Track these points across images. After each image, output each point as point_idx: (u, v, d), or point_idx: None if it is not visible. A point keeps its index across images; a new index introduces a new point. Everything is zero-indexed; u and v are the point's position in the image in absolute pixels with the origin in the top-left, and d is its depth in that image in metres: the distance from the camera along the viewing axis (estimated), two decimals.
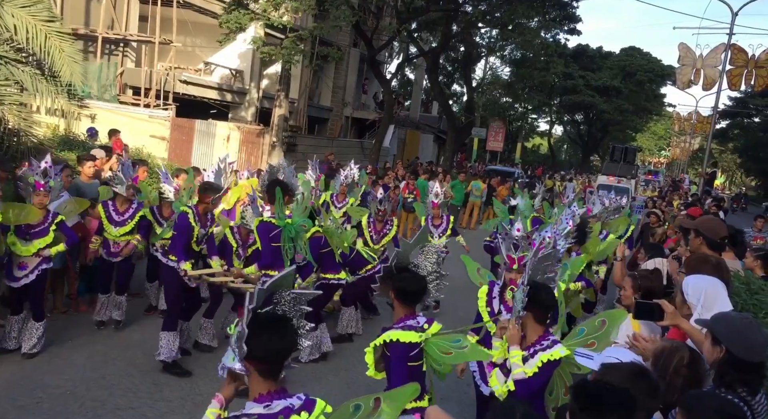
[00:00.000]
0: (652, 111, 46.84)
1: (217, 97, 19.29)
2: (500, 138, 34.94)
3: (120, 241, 6.16)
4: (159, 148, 15.50)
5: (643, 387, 2.11)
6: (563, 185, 26.42)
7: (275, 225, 5.13)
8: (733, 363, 2.39)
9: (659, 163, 64.35)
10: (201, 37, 19.82)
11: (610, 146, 31.93)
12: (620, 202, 8.32)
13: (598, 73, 41.80)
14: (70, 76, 7.14)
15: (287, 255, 5.15)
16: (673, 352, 2.57)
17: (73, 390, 4.79)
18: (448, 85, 39.68)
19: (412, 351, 3.22)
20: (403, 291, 3.34)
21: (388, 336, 3.24)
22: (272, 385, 2.09)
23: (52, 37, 6.80)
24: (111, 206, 6.13)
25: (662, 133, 62.71)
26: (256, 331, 2.05)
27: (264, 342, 2.05)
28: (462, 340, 3.26)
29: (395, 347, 3.22)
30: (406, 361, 3.21)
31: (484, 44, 30.96)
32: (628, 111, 41.77)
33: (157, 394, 4.91)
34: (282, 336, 2.10)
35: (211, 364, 5.56)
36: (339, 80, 25.07)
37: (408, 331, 3.23)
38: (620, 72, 42.21)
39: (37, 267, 5.26)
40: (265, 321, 2.09)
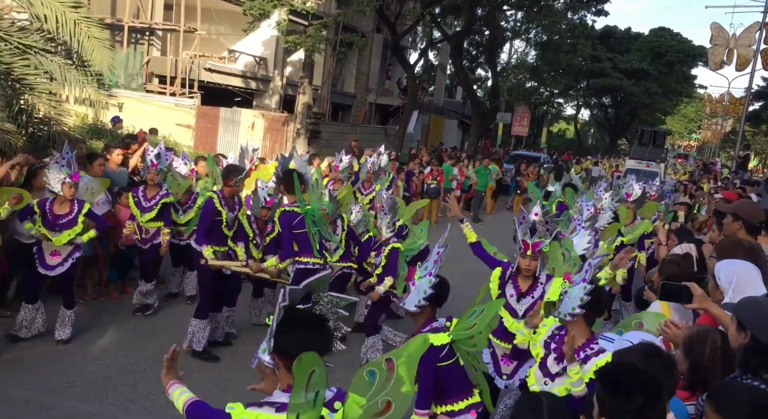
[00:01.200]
0: (682, 93, 45.78)
1: (242, 84, 19.38)
2: (525, 123, 34.46)
3: (149, 228, 6.23)
4: (185, 136, 15.67)
5: (657, 364, 2.11)
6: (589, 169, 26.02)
7: (297, 212, 5.11)
8: (758, 348, 2.30)
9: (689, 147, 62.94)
10: (225, 24, 19.89)
11: (638, 130, 31.27)
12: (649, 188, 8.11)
13: (626, 55, 40.94)
14: (101, 63, 7.19)
15: (314, 240, 5.15)
16: (704, 336, 2.52)
17: (106, 375, 4.88)
18: (473, 70, 39.20)
19: (441, 352, 3.19)
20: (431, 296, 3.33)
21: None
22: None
23: (81, 24, 6.85)
24: (141, 192, 6.21)
25: (693, 116, 61.24)
26: (290, 328, 2.06)
27: (297, 340, 2.04)
28: (477, 311, 3.23)
29: (426, 353, 3.12)
30: (433, 368, 3.16)
31: (509, 27, 30.46)
32: (657, 93, 40.89)
33: (187, 379, 4.93)
34: (316, 336, 2.09)
35: (238, 350, 5.62)
36: (362, 66, 24.97)
37: (438, 333, 3.21)
38: (649, 53, 41.28)
39: (70, 256, 5.33)
40: (302, 320, 2.10)
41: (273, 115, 18.29)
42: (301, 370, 1.91)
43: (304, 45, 15.97)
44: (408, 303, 3.31)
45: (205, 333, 5.38)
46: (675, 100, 47.01)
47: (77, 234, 5.30)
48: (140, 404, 4.51)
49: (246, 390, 4.88)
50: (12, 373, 4.75)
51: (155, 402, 4.54)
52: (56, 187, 5.16)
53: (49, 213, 5.22)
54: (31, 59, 6.89)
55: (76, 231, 5.29)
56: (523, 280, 4.08)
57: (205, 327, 5.38)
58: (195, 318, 5.37)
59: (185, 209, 6.70)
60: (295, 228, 5.12)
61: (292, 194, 5.17)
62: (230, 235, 5.59)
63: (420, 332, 3.27)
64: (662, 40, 41.92)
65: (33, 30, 7.18)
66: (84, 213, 5.33)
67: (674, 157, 37.74)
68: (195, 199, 6.72)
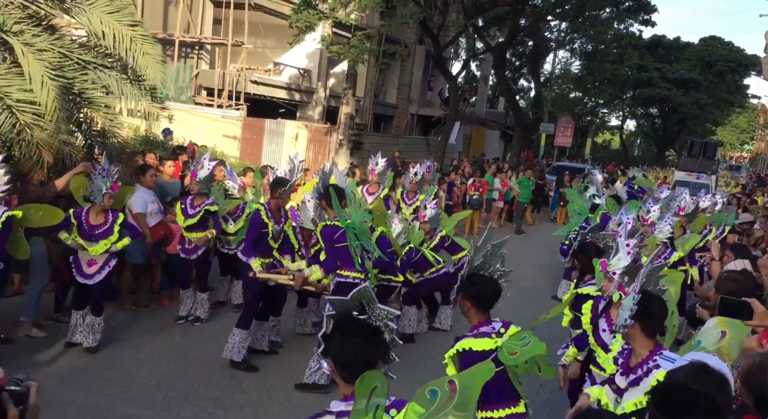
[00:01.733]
0: (734, 103, 44.29)
1: (286, 96, 19.73)
2: (569, 133, 33.91)
3: (192, 239, 6.36)
4: (231, 147, 16.01)
5: (708, 383, 2.03)
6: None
7: (338, 226, 5.17)
8: None
9: (742, 158, 60.75)
10: (271, 38, 20.30)
11: (687, 140, 30.41)
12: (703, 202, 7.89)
13: (675, 65, 39.90)
14: (154, 78, 7.43)
15: (356, 253, 5.20)
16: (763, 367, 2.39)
17: (157, 381, 5.02)
18: (515, 80, 38.93)
19: (484, 358, 3.08)
20: (478, 295, 3.28)
21: (461, 346, 3.18)
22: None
23: (137, 41, 7.11)
24: (189, 200, 6.39)
25: (745, 126, 59.16)
26: (342, 337, 2.08)
27: (348, 349, 2.06)
28: (527, 337, 3.15)
29: (467, 356, 3.14)
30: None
31: (552, 38, 30.18)
32: (707, 104, 39.67)
33: (235, 386, 5.08)
34: (368, 346, 2.09)
35: (283, 359, 5.70)
36: (404, 77, 25.09)
37: (481, 339, 3.16)
38: (699, 63, 40.13)
39: (107, 264, 5.45)
40: (354, 329, 2.11)
41: (316, 126, 18.54)
42: (363, 387, 1.92)
43: (347, 56, 16.18)
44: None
45: (245, 344, 5.44)
46: (726, 110, 45.50)
47: (113, 244, 5.42)
48: (190, 410, 4.61)
49: (291, 399, 4.96)
50: (70, 378, 4.94)
51: (205, 409, 4.64)
52: (98, 197, 5.29)
53: (85, 224, 5.35)
54: (90, 74, 7.19)
55: (112, 241, 5.41)
56: (616, 311, 3.89)
57: (246, 338, 5.44)
58: (237, 328, 5.44)
59: (234, 218, 6.89)
60: (336, 242, 5.17)
61: (333, 209, 5.25)
62: (276, 247, 5.69)
63: (465, 337, 3.22)
64: (713, 49, 40.72)
65: (92, 46, 7.50)
66: (119, 223, 5.45)
67: (725, 169, 36.48)
68: (243, 208, 6.89)
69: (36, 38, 6.12)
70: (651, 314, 2.98)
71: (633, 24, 29.70)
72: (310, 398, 4.92)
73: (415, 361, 6.00)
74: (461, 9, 19.95)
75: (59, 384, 4.75)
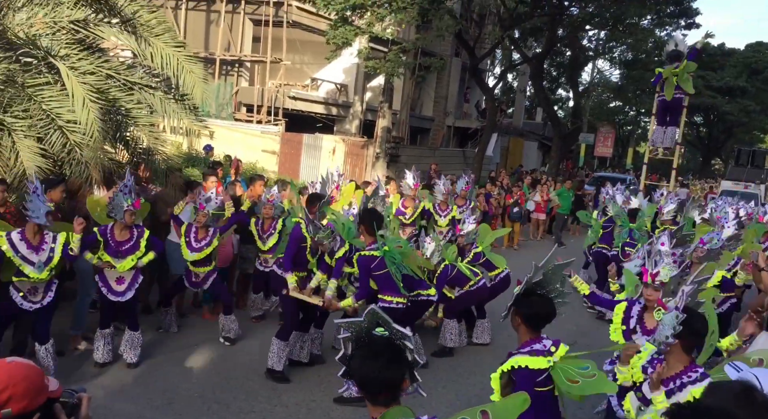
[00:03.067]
0: None
1: (323, 111, 19.99)
2: (609, 143, 33.33)
3: (198, 272, 6.25)
4: (270, 161, 16.29)
5: (747, 407, 1.89)
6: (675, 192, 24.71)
7: (375, 256, 5.21)
8: None
9: None
10: (309, 54, 20.66)
11: (734, 149, 29.52)
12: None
13: (719, 73, 38.83)
14: (199, 97, 7.64)
15: (397, 279, 5.22)
16: None
17: (201, 393, 5.11)
18: (553, 90, 38.53)
19: (539, 376, 3.10)
20: (533, 315, 3.22)
21: (516, 362, 3.13)
22: (382, 409, 2.04)
23: (182, 61, 7.34)
24: (192, 233, 6.18)
25: None
26: (364, 357, 2.05)
27: (372, 370, 2.02)
28: (590, 368, 3.08)
29: (522, 373, 3.11)
30: (533, 388, 3.08)
31: (591, 47, 29.80)
32: (755, 111, 38.41)
33: (275, 399, 5.13)
34: (392, 366, 2.04)
35: (324, 371, 5.72)
36: (441, 90, 25.13)
37: (536, 357, 3.11)
38: (745, 69, 38.96)
39: (135, 281, 5.51)
40: (376, 349, 2.07)
41: (353, 140, 18.71)
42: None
43: (383, 69, 16.32)
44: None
45: (283, 355, 5.50)
46: None
47: (138, 259, 5.48)
48: None
49: (330, 413, 4.97)
50: (117, 390, 5.07)
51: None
52: (119, 214, 5.32)
53: (111, 240, 5.40)
54: (136, 94, 7.46)
55: (138, 256, 5.48)
56: (651, 317, 3.87)
57: (284, 349, 5.51)
58: (276, 338, 5.52)
59: (267, 236, 6.82)
60: (374, 270, 5.22)
61: (371, 236, 5.28)
62: (313, 261, 5.75)
63: (519, 353, 3.18)
64: (760, 56, 39.50)
65: (138, 67, 7.77)
66: (146, 237, 5.51)
67: None
68: (275, 225, 6.84)
69: (81, 61, 6.38)
70: (693, 332, 2.98)
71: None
72: (349, 412, 4.94)
73: (454, 376, 5.95)
74: (497, 21, 19.91)
75: (108, 395, 4.88)
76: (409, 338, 2.13)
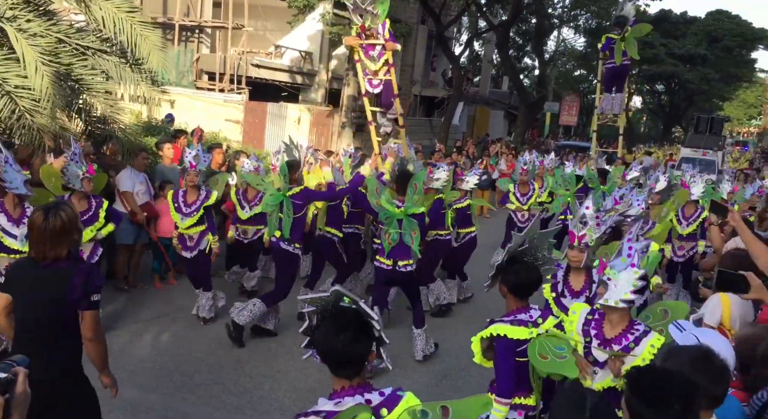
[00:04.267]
0: (741, 78, 43.74)
1: (288, 79, 19.59)
2: (574, 112, 33.64)
3: (191, 234, 5.95)
4: (234, 131, 15.95)
5: (705, 372, 1.97)
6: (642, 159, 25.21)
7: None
8: None
9: (749, 133, 60.25)
10: (272, 20, 20.12)
11: (694, 117, 30.12)
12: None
13: (681, 41, 39.36)
14: (156, 64, 7.36)
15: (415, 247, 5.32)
16: (756, 341, 2.38)
17: (162, 365, 5.05)
18: (519, 59, 38.52)
19: (519, 346, 3.09)
20: (519, 284, 3.19)
21: (495, 330, 3.12)
22: (346, 382, 2.01)
23: (136, 27, 7.04)
24: (181, 197, 5.91)
25: (753, 101, 58.49)
26: (330, 329, 1.99)
27: (338, 342, 1.97)
28: (565, 349, 3.08)
29: (502, 342, 3.11)
30: (512, 357, 3.10)
31: (556, 15, 29.79)
32: (714, 79, 39.16)
33: (240, 370, 5.10)
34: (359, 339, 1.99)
35: (289, 342, 5.71)
36: (407, 58, 24.83)
37: (518, 326, 3.10)
38: (706, 38, 39.57)
39: (93, 253, 5.31)
40: (344, 322, 2.00)
41: (319, 109, 18.44)
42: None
43: (347, 35, 16.01)
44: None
45: (255, 316, 5.50)
46: (734, 85, 44.96)
47: (98, 230, 5.29)
48: (196, 394, 4.64)
49: (295, 384, 4.97)
50: None
51: (210, 392, 4.68)
52: (77, 183, 5.11)
53: None
54: (89, 60, 7.14)
55: (98, 227, 5.28)
56: (575, 276, 3.96)
57: (259, 313, 5.51)
58: (259, 300, 5.55)
59: (252, 206, 6.59)
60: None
61: (402, 196, 5.37)
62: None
63: (501, 321, 3.16)
64: (720, 24, 40.11)
65: (90, 31, 7.43)
66: (104, 208, 5.33)
67: (732, 145, 36.20)
68: (262, 196, 6.51)
69: (30, 23, 6.07)
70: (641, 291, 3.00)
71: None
72: (315, 381, 4.95)
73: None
74: None
75: None
76: (377, 320, 2.08)
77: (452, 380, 5.29)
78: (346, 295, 2.08)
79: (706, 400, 1.95)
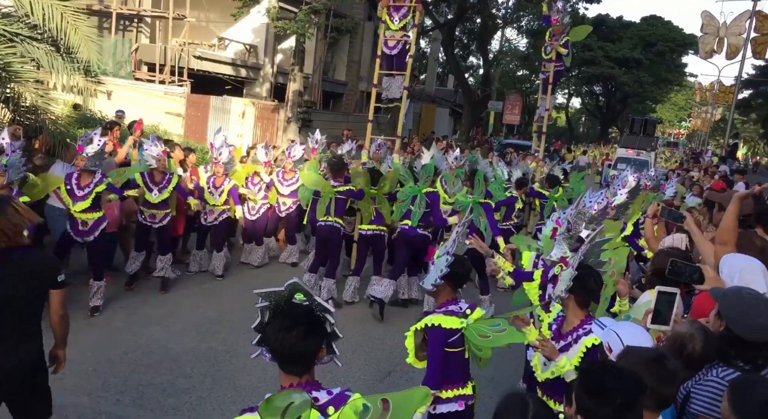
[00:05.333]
0: (672, 81, 45.87)
1: (232, 72, 19.19)
2: (517, 111, 34.44)
3: (87, 220, 5.80)
4: (175, 124, 15.51)
5: (657, 373, 2.04)
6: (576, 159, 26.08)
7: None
8: (730, 339, 2.34)
9: (680, 135, 63.20)
10: (215, 11, 19.66)
11: (629, 118, 31.35)
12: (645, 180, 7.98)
13: (617, 44, 40.89)
14: (87, 55, 7.08)
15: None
16: (686, 341, 2.47)
17: (96, 367, 4.85)
18: (465, 58, 39.07)
19: (451, 337, 3.19)
20: (452, 274, 3.28)
21: (429, 321, 3.21)
22: (294, 379, 1.99)
23: (67, 16, 6.75)
24: (74, 180, 5.76)
25: (683, 104, 61.45)
26: (281, 326, 1.96)
27: (288, 339, 1.94)
28: (502, 324, 3.22)
29: (434, 332, 3.20)
30: (443, 347, 3.19)
31: (500, 15, 30.36)
32: (648, 82, 40.93)
33: (178, 370, 4.97)
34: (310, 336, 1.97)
35: (231, 340, 5.61)
36: (354, 54, 24.79)
37: (450, 317, 3.20)
38: (641, 42, 41.26)
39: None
40: (295, 318, 1.98)
41: (263, 104, 18.15)
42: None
43: (293, 30, 15.82)
44: (426, 282, 3.32)
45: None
46: (665, 88, 47.08)
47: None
48: (130, 396, 4.49)
49: (235, 383, 4.88)
50: None
51: (145, 394, 4.53)
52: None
53: None
54: (18, 47, 6.79)
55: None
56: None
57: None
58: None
59: (160, 189, 6.50)
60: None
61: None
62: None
63: (434, 313, 3.26)
64: (654, 29, 41.88)
65: (19, 16, 7.06)
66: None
67: (664, 146, 37.84)
68: (170, 179, 6.57)
69: None
70: (585, 288, 3.12)
71: (579, 2, 30.23)
72: (257, 381, 4.88)
73: (364, 340, 6.02)
74: None
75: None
76: (330, 312, 2.06)
77: (396, 377, 5.31)
78: (300, 290, 2.05)
79: (654, 401, 2.03)
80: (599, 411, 1.82)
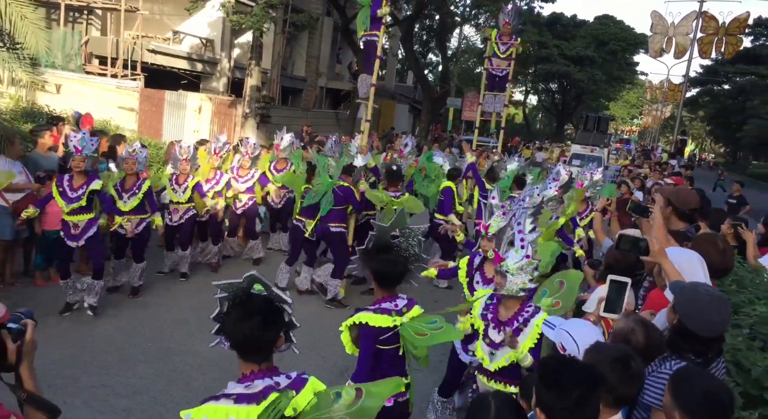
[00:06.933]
0: (624, 79, 47.12)
1: (188, 67, 18.80)
2: (476, 108, 34.55)
3: (78, 222, 5.72)
4: (128, 119, 15.11)
5: (619, 373, 2.09)
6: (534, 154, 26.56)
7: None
8: (682, 331, 2.38)
9: (631, 132, 65.04)
10: (169, 4, 19.21)
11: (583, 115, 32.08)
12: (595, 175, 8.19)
13: (572, 42, 41.75)
14: (36, 45, 6.82)
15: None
16: (628, 334, 2.52)
17: (44, 369, 4.71)
18: (424, 55, 39.26)
19: (382, 335, 3.17)
20: (382, 274, 3.28)
21: (359, 318, 3.20)
22: (254, 366, 2.05)
23: (12, 4, 6.50)
24: (66, 181, 5.65)
25: (634, 102, 63.25)
26: (240, 316, 2.02)
27: (247, 328, 2.01)
28: (438, 321, 3.21)
29: (363, 329, 3.18)
30: (373, 344, 3.17)
31: (458, 13, 30.61)
32: (601, 80, 41.94)
33: (130, 371, 4.88)
34: (267, 326, 2.03)
35: (184, 339, 5.53)
36: (313, 50, 24.60)
37: (380, 315, 3.18)
38: (594, 41, 42.23)
39: None
40: (253, 308, 2.03)
41: (220, 99, 17.87)
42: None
43: (249, 24, 15.60)
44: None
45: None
46: (618, 86, 48.33)
47: None
48: (80, 398, 4.39)
49: (190, 382, 4.82)
50: None
51: (96, 395, 4.44)
52: None
53: None
54: None
55: None
56: (489, 266, 4.13)
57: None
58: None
59: (129, 195, 6.31)
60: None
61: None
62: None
63: (366, 310, 3.23)
64: (606, 28, 42.90)
65: None
66: None
67: (616, 142, 38.89)
68: (140, 185, 6.36)
69: None
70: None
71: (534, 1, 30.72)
72: (211, 380, 4.83)
73: (319, 333, 6.02)
74: None
75: None
76: (288, 303, 2.12)
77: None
78: (259, 281, 2.11)
79: (613, 399, 2.08)
80: (557, 405, 1.86)
